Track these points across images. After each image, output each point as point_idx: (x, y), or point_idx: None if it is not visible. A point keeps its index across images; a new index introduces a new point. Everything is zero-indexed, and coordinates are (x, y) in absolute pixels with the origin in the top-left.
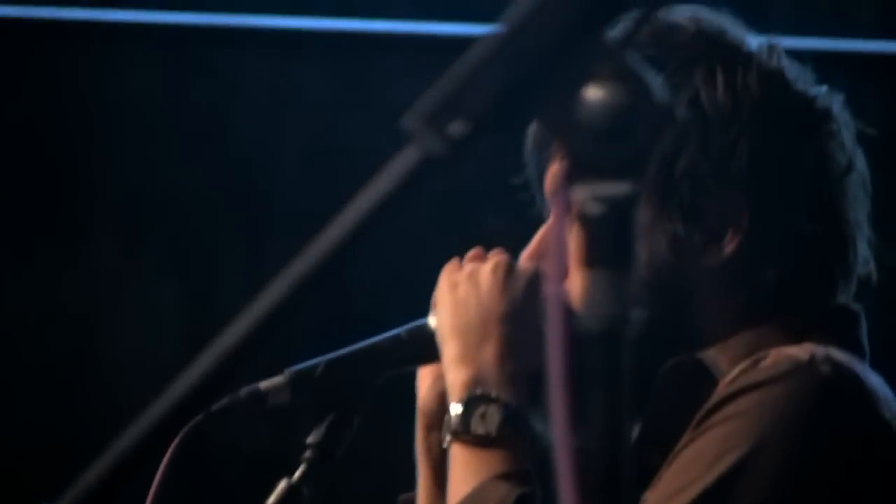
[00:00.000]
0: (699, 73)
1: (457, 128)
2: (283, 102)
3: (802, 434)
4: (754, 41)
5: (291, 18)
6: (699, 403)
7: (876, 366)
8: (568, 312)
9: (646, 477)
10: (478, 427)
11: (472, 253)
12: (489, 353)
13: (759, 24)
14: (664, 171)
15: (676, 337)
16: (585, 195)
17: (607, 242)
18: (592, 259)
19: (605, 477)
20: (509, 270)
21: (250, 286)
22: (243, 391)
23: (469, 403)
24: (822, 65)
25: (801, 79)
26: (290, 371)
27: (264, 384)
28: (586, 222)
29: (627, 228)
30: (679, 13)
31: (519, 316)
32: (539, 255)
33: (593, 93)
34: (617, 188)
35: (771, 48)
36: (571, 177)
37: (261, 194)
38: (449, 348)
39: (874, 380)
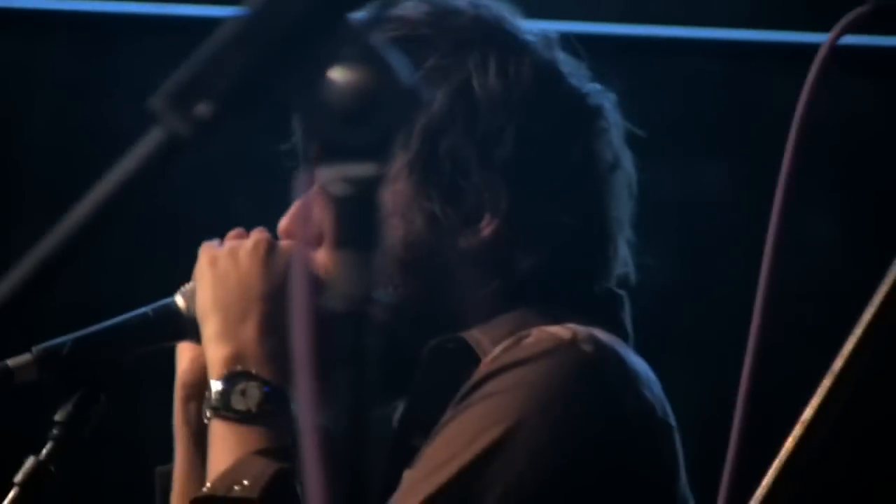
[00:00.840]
0: (473, 58)
1: (202, 109)
2: (30, 83)
3: (562, 411)
4: (532, 32)
5: None
6: (463, 383)
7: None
8: (317, 292)
9: (410, 457)
10: (238, 403)
11: (233, 232)
12: (250, 329)
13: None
14: (427, 149)
15: (438, 317)
16: (332, 176)
17: (352, 223)
18: (338, 239)
19: (349, 458)
20: (270, 248)
21: None
22: None
23: (229, 380)
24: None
25: (576, 74)
26: (37, 349)
27: (11, 361)
28: (333, 203)
29: (372, 210)
30: None
31: (280, 294)
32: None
33: (338, 74)
34: (361, 169)
35: (548, 40)
36: (321, 158)
37: (7, 175)
38: (209, 324)
39: (637, 361)
